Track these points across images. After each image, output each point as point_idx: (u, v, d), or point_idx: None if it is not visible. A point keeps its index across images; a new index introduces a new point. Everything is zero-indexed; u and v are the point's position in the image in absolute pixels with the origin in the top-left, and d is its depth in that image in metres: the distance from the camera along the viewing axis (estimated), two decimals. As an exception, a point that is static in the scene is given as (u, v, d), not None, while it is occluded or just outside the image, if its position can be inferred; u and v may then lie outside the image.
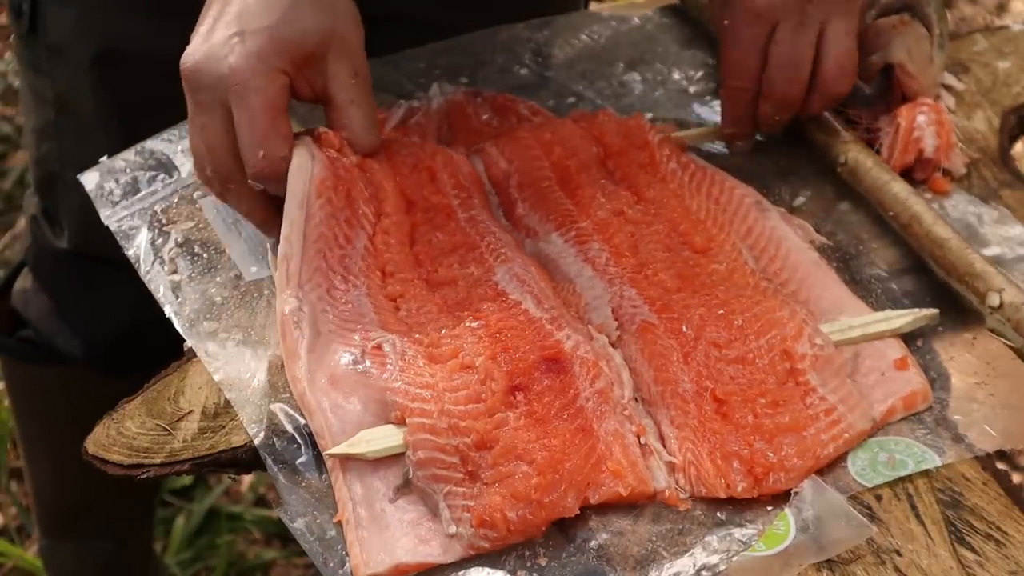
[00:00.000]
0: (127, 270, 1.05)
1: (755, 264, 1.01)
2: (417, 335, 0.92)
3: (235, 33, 0.94)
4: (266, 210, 0.99)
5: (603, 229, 1.02)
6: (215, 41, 0.94)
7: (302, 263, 0.95)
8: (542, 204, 1.06)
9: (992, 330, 0.96)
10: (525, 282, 0.97)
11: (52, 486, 1.64)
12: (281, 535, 1.92)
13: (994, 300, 0.95)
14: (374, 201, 1.01)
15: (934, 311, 0.98)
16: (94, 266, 1.35)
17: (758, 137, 1.16)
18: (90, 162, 1.11)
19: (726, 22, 1.09)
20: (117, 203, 1.08)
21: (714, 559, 0.82)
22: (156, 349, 1.07)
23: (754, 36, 1.08)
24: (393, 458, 0.86)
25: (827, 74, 1.09)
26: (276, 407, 0.91)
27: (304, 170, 0.97)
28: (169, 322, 0.99)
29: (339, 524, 0.85)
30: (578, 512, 0.83)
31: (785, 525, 0.83)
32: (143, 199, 1.09)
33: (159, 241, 1.04)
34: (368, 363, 0.89)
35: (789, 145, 1.16)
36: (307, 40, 0.95)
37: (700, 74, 1.25)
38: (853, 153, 1.10)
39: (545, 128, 1.12)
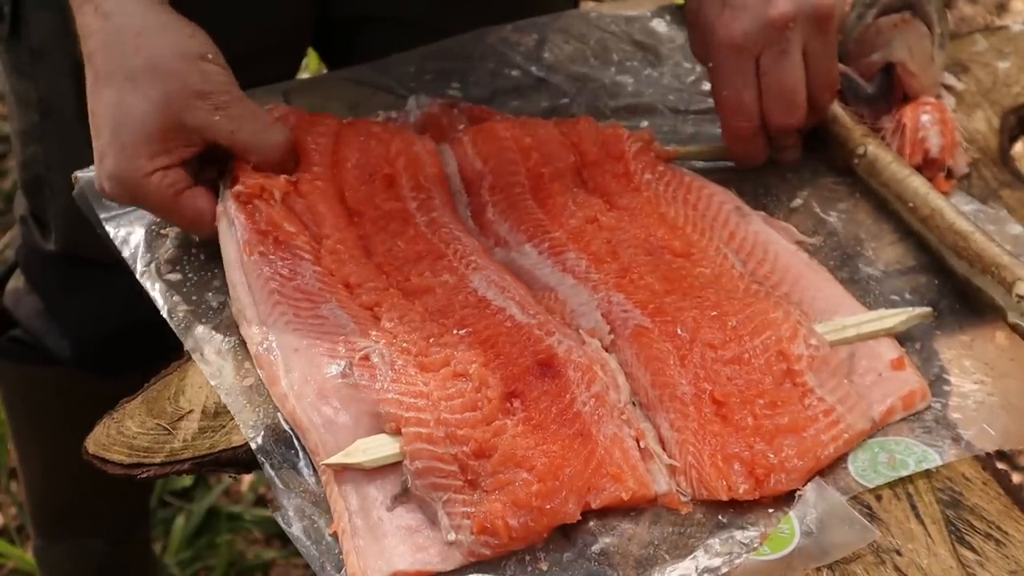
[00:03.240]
0: (115, 272, 1.05)
1: (743, 268, 1.00)
2: (404, 344, 0.91)
3: (100, 155, 0.98)
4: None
5: (577, 238, 1.02)
6: (97, 166, 0.99)
7: (257, 306, 0.95)
8: (513, 212, 1.05)
9: (1013, 325, 0.95)
10: (505, 288, 0.96)
11: (44, 486, 1.64)
12: (281, 535, 1.92)
13: (1022, 289, 0.95)
14: (311, 226, 1.01)
15: (927, 310, 0.98)
16: (83, 268, 1.35)
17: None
18: (74, 166, 1.10)
19: (711, 64, 1.07)
20: (113, 205, 1.08)
21: (716, 562, 0.82)
22: (145, 350, 1.07)
23: (741, 71, 1.05)
24: (389, 466, 0.85)
25: (811, 93, 1.08)
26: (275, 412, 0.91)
27: (229, 238, 0.99)
28: (159, 322, 0.99)
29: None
30: (579, 518, 0.83)
31: (790, 528, 0.83)
32: None
33: (156, 243, 1.04)
34: (357, 374, 0.88)
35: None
36: (150, 126, 0.96)
37: (692, 78, 1.25)
38: (872, 147, 1.10)
39: (524, 129, 1.10)
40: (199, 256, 1.04)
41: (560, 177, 1.08)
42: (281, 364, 0.91)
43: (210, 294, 1.01)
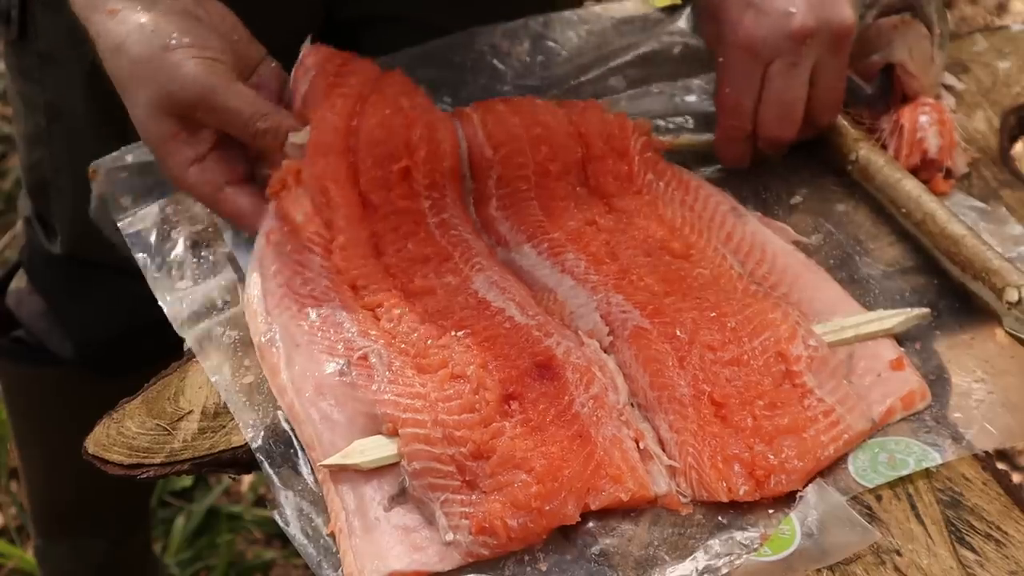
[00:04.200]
0: (120, 274, 1.06)
1: (741, 268, 1.00)
2: (402, 345, 0.91)
3: (136, 122, 0.99)
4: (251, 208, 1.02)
5: (576, 239, 1.02)
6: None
7: (264, 297, 0.95)
8: (515, 212, 1.05)
9: (1009, 331, 0.96)
10: (505, 290, 0.96)
11: (46, 486, 1.64)
12: (281, 535, 1.92)
13: (1012, 296, 0.95)
14: (323, 210, 1.00)
15: (925, 310, 0.98)
16: (87, 270, 1.35)
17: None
18: (82, 169, 1.10)
19: (721, 59, 1.07)
20: (126, 205, 1.08)
21: (716, 563, 0.82)
22: (149, 352, 1.07)
23: (748, 74, 1.06)
24: (386, 467, 0.86)
25: (814, 110, 1.08)
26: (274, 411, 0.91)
27: (260, 230, 1.01)
28: (162, 325, 0.99)
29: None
30: (579, 519, 0.83)
31: (791, 529, 0.82)
32: (149, 200, 1.08)
33: (165, 243, 1.04)
34: (355, 374, 0.89)
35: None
36: (159, 130, 0.98)
37: (689, 81, 1.24)
38: (864, 151, 1.10)
39: (535, 117, 1.08)
40: (207, 258, 1.04)
41: (566, 174, 1.07)
42: (283, 356, 0.91)
43: (215, 293, 1.01)
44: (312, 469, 0.88)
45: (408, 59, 1.23)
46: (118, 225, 1.06)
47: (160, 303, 1.01)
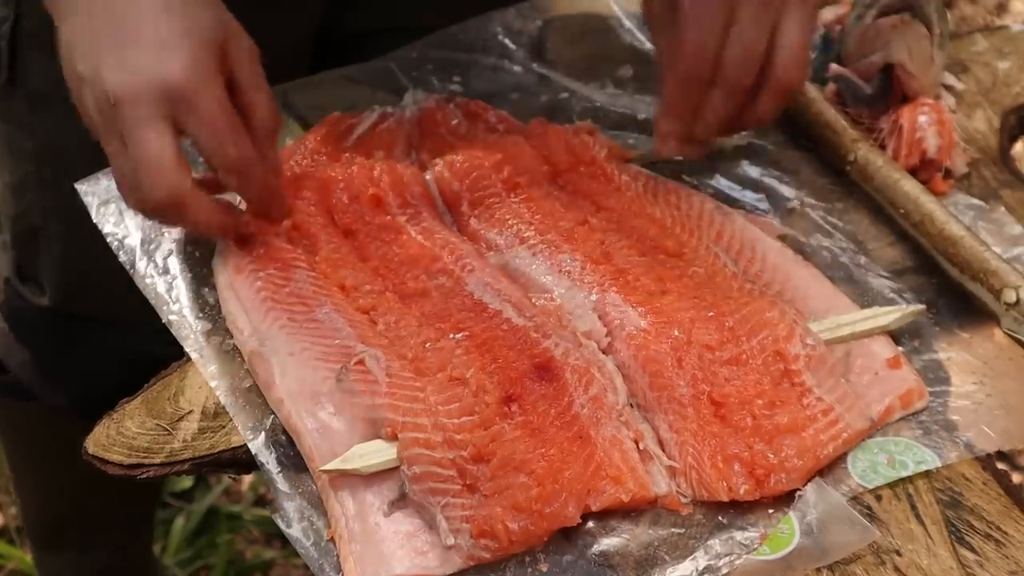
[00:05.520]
0: (114, 329, 1.02)
1: (735, 267, 1.01)
2: (400, 349, 0.91)
3: (160, 47, 0.92)
4: (221, 213, 0.98)
5: (570, 239, 1.02)
6: (143, 59, 0.92)
7: (249, 315, 0.95)
8: (498, 219, 1.05)
9: (1007, 331, 0.96)
10: (500, 291, 0.96)
11: (44, 505, 1.61)
12: (281, 535, 1.91)
13: (1010, 296, 0.95)
14: (307, 249, 1.01)
15: (921, 307, 0.98)
16: (78, 324, 1.29)
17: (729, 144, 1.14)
18: (74, 209, 1.08)
19: (687, 4, 1.01)
20: (111, 210, 1.08)
21: (716, 562, 0.82)
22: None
23: (716, 17, 1.00)
24: (386, 472, 0.85)
25: (778, 65, 1.02)
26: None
27: (220, 269, 1.00)
28: (164, 364, 0.98)
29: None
30: (579, 520, 0.83)
31: (789, 528, 0.83)
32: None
33: (151, 246, 1.04)
34: (352, 379, 0.88)
35: (786, 145, 1.16)
36: (215, 35, 0.94)
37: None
38: (863, 151, 1.10)
39: (496, 147, 1.11)
40: (194, 255, 1.04)
41: (537, 184, 1.08)
42: (276, 368, 0.91)
43: (206, 289, 1.01)
44: (313, 470, 0.88)
45: (420, 44, 1.24)
46: (103, 232, 1.05)
47: (152, 304, 1.00)
